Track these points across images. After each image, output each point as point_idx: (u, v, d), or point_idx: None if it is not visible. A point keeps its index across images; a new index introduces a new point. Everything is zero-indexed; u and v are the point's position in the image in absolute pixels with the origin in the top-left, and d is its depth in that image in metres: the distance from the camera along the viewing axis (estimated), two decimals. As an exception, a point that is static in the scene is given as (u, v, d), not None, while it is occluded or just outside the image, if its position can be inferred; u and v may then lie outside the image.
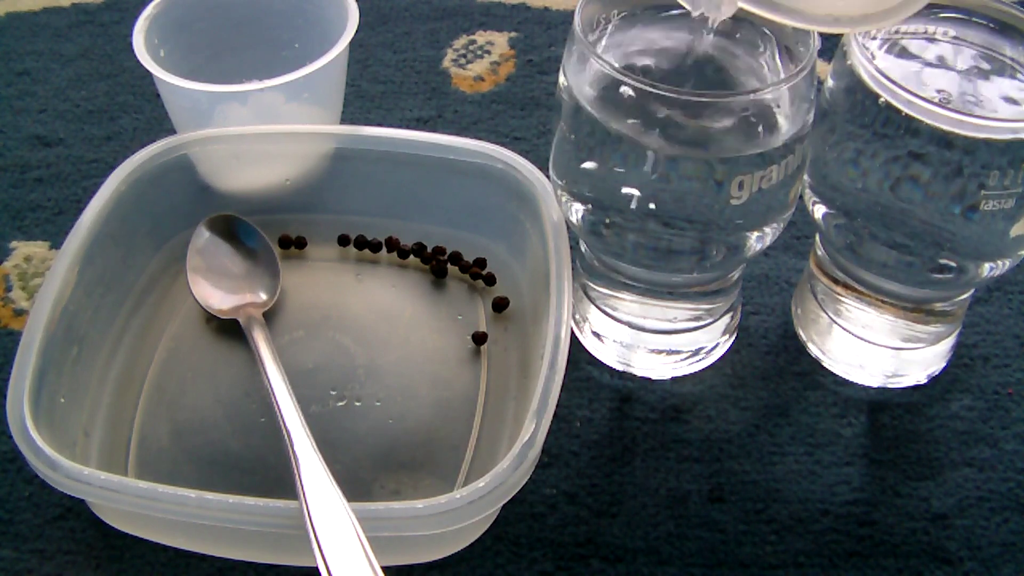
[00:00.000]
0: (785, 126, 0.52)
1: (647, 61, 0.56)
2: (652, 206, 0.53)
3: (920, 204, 0.53)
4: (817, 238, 0.62)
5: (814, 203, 0.58)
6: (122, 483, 0.50)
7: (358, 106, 0.81)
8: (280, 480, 0.52)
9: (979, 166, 0.51)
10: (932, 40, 0.56)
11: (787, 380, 0.63)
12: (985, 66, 0.54)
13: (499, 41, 0.87)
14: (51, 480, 0.50)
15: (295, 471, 0.50)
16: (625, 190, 0.53)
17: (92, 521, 0.56)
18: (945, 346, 0.63)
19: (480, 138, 0.65)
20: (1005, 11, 0.55)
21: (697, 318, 0.61)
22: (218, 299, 0.64)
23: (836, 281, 0.61)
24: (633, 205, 0.53)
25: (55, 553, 0.55)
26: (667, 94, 0.49)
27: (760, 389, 0.63)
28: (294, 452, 0.51)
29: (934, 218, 0.53)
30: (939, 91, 0.53)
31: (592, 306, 0.62)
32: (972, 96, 0.53)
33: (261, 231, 0.66)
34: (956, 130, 0.50)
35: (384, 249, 0.67)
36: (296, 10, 0.72)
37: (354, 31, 0.66)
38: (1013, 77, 0.54)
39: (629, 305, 0.61)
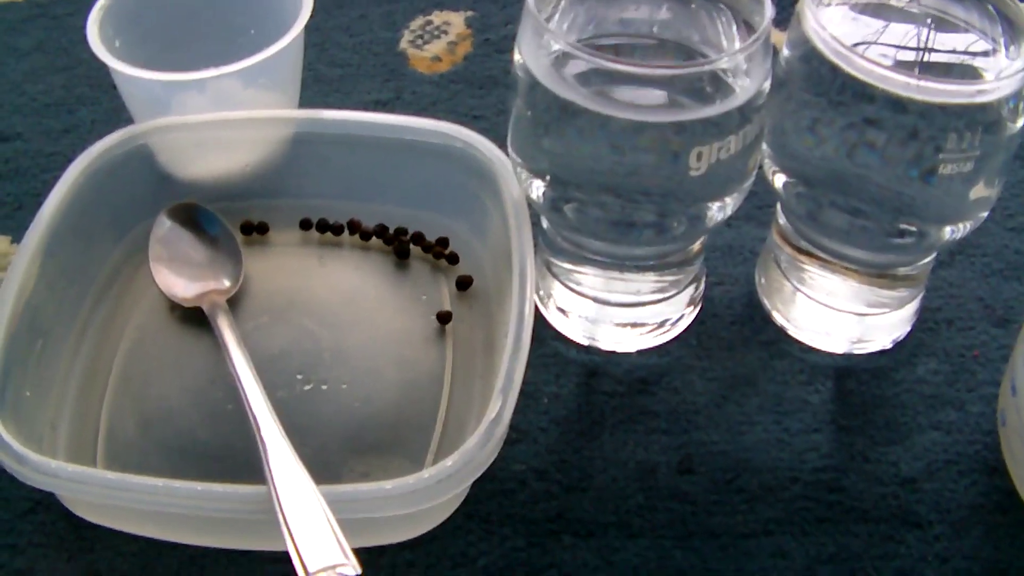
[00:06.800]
0: (742, 96, 0.52)
1: (601, 35, 0.56)
2: (610, 179, 0.53)
3: (877, 169, 0.53)
4: (778, 207, 0.62)
5: (774, 172, 0.58)
6: (90, 474, 0.50)
7: (316, 90, 0.80)
8: (249, 466, 0.52)
9: (936, 129, 0.51)
10: (885, 6, 0.56)
11: (753, 349, 0.63)
12: (938, 30, 0.55)
13: (455, 21, 0.87)
14: (19, 474, 0.50)
15: (263, 457, 0.50)
16: (583, 164, 0.53)
17: (62, 514, 0.56)
18: (909, 311, 0.63)
19: (439, 118, 0.65)
20: (956, -26, 0.55)
21: (661, 290, 0.61)
22: (181, 287, 0.63)
23: (799, 249, 0.61)
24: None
25: (26, 547, 0.55)
26: (622, 67, 0.49)
27: (726, 359, 0.63)
28: (261, 438, 0.51)
29: (892, 183, 0.53)
30: (893, 55, 0.54)
31: (556, 281, 0.62)
32: (926, 60, 0.54)
33: (222, 218, 0.66)
34: (911, 95, 0.50)
35: (346, 232, 0.67)
36: (251, -5, 0.71)
37: (309, 15, 0.66)
38: (965, 41, 0.54)
39: (593, 279, 0.61)
